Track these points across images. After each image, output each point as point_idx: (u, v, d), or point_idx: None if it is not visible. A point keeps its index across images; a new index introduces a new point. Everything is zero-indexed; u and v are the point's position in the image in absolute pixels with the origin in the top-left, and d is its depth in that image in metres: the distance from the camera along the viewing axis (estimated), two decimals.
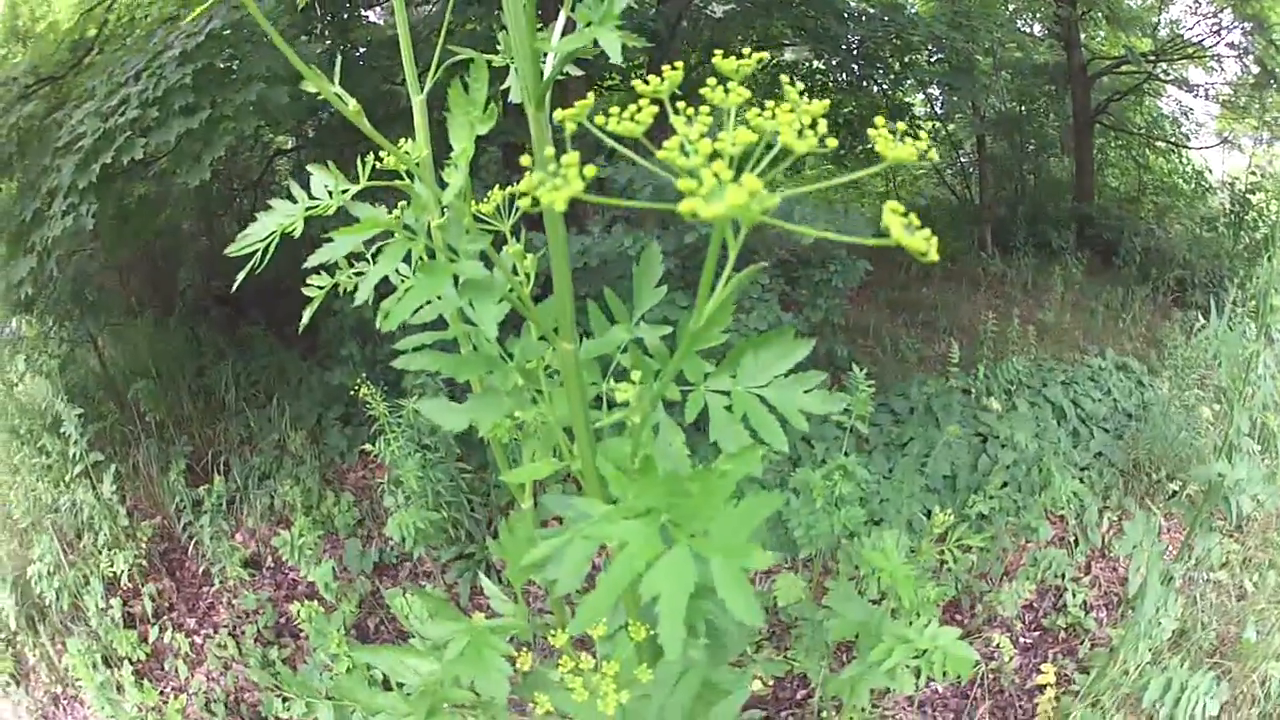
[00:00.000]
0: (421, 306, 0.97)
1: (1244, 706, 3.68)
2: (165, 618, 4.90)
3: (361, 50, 7.42)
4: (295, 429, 6.14)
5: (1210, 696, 3.33)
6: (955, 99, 11.08)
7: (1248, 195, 11.07)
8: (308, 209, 1.24)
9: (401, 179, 1.24)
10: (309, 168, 1.29)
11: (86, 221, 4.73)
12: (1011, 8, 11.51)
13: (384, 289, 1.37)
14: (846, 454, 4.05)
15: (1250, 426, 3.72)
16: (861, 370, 4.09)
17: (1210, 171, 12.70)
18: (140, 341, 7.13)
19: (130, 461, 5.98)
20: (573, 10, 0.94)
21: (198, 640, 4.73)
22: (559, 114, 0.75)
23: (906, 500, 4.88)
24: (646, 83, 0.73)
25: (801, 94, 0.75)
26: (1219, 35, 10.78)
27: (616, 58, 0.85)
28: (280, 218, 1.23)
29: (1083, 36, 11.18)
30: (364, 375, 4.75)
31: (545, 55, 0.91)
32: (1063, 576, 4.81)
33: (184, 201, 7.13)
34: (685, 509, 0.75)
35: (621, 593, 0.72)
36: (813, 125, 0.68)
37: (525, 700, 1.35)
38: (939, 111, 12.28)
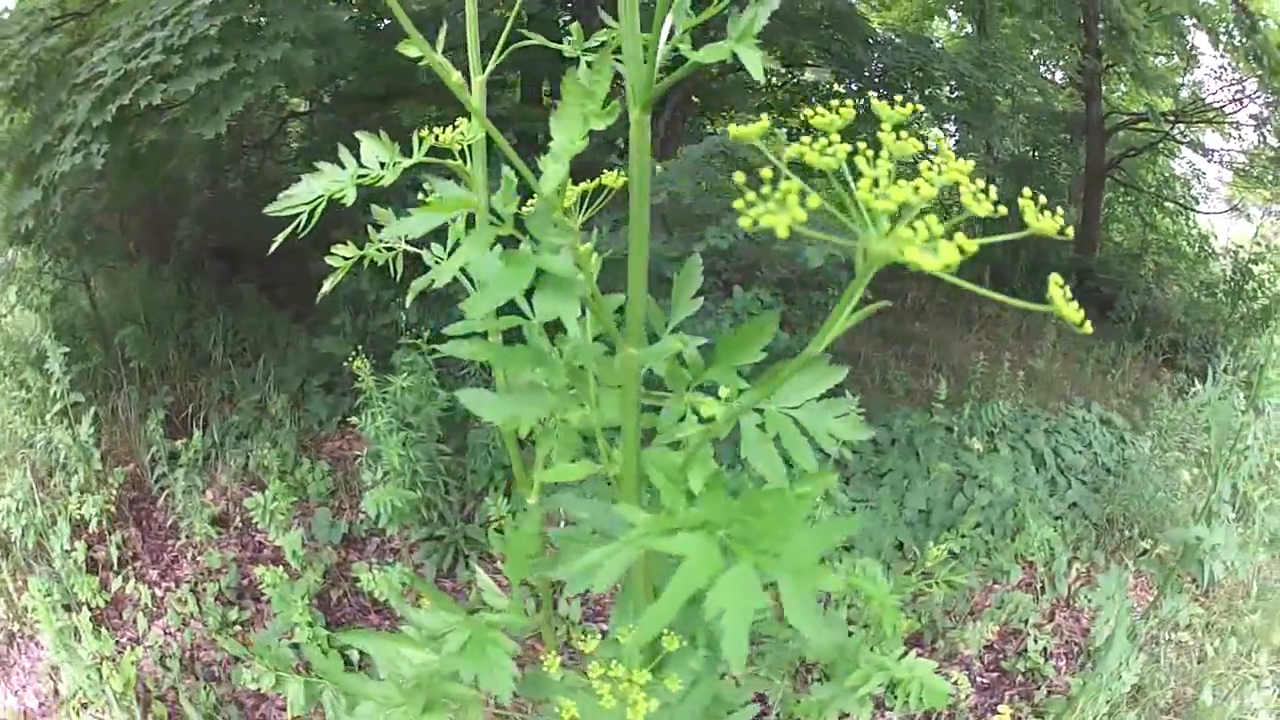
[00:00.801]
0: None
1: None
2: (129, 567, 4.85)
3: (387, 23, 7.40)
4: (278, 391, 6.12)
5: None
6: (971, 137, 11.13)
7: (1251, 264, 11.04)
8: (359, 177, 1.22)
9: (453, 158, 1.23)
10: (359, 135, 1.27)
11: (96, 161, 4.71)
12: (1036, 53, 11.56)
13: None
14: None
15: (1231, 494, 3.74)
16: (854, 398, 4.10)
17: (1215, 237, 12.77)
18: (133, 287, 7.06)
19: (110, 406, 5.93)
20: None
21: (158, 593, 4.68)
22: (736, 131, 0.74)
23: (885, 529, 4.88)
24: (819, 114, 0.73)
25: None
26: (1240, 103, 10.85)
27: (758, 75, 0.85)
28: (327, 182, 1.21)
29: (1104, 89, 11.22)
30: (356, 347, 4.74)
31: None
32: (1026, 621, 4.84)
33: (193, 153, 7.09)
34: (756, 527, 0.74)
35: (682, 605, 0.71)
36: (985, 190, 0.70)
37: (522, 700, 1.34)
38: (953, 148, 12.29)
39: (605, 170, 1.25)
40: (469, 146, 1.26)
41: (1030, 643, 4.70)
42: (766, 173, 0.66)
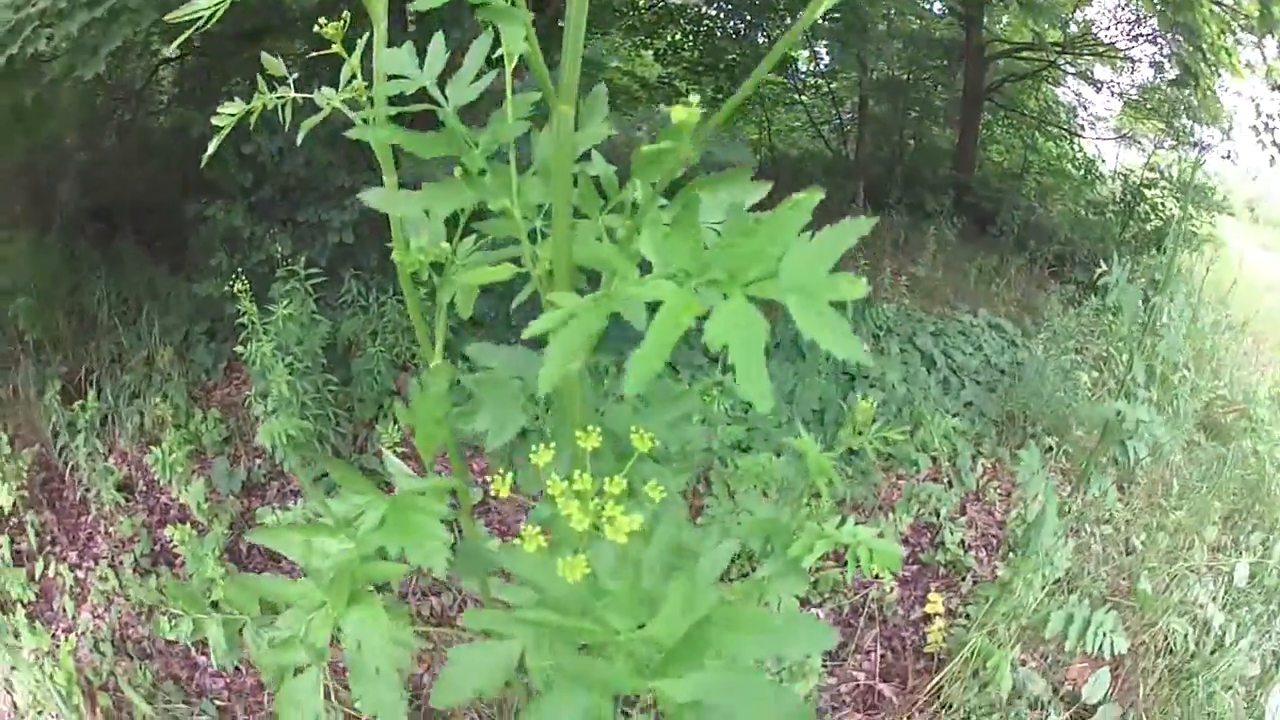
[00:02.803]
0: None
1: (1149, 656, 3.74)
2: (50, 553, 4.67)
3: None
4: (164, 344, 5.95)
5: (1116, 634, 3.36)
6: (842, 58, 11.18)
7: (1143, 188, 11.25)
8: None
9: None
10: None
11: None
12: None
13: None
14: (722, 374, 4.02)
15: (1146, 377, 3.75)
16: None
17: (1103, 161, 12.93)
18: (20, 260, 6.77)
19: (10, 386, 5.73)
20: None
21: (80, 575, 4.53)
22: None
23: (781, 429, 4.86)
24: None
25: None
26: (1135, 40, 11.07)
27: None
28: None
29: (986, 19, 11.31)
30: (234, 276, 4.60)
31: None
32: (938, 514, 4.90)
33: (70, 112, 6.97)
34: (743, 253, 0.65)
35: (669, 350, 0.62)
36: None
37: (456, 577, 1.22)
38: (823, 68, 12.43)
39: None
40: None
41: (947, 535, 4.76)
42: None
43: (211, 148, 1.32)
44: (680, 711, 0.83)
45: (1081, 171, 12.93)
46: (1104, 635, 3.36)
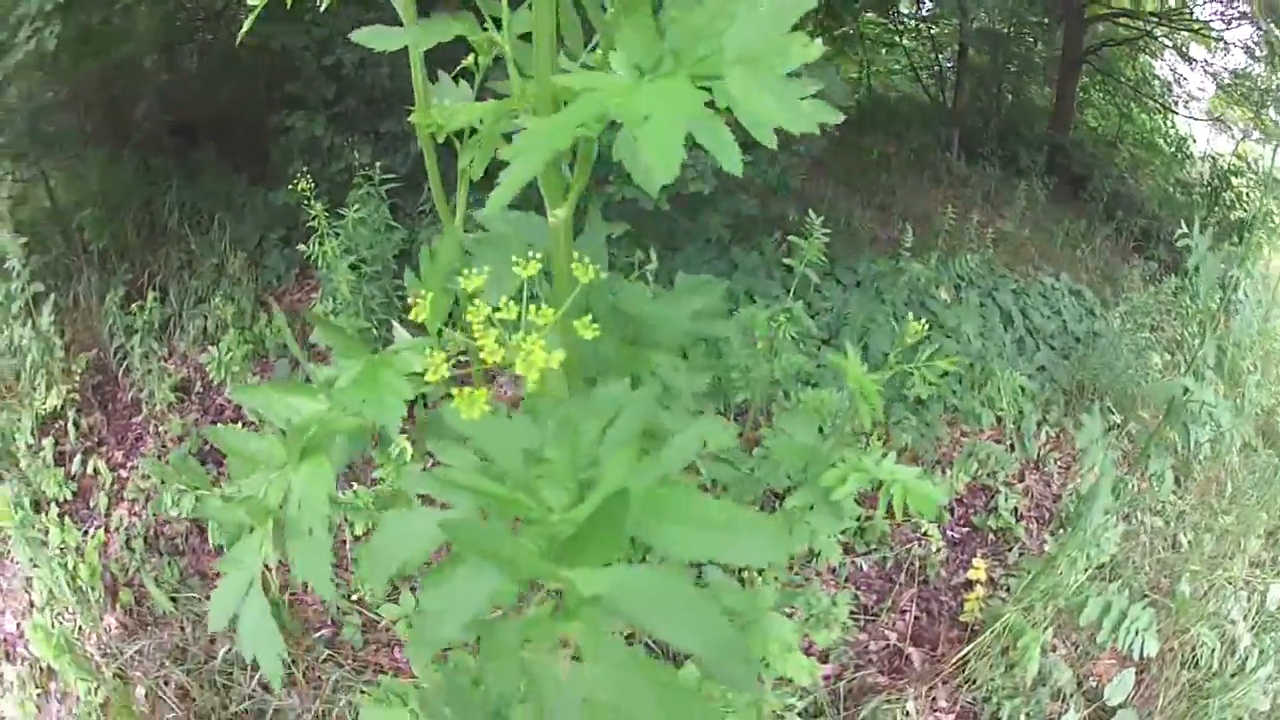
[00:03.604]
0: None
1: (1174, 665, 3.62)
2: (94, 452, 4.70)
3: None
4: (235, 251, 5.98)
5: (1149, 634, 3.24)
6: (943, 1, 10.99)
7: (1230, 174, 11.09)
8: None
9: None
10: None
11: (49, 42, 4.67)
12: None
13: None
14: (792, 301, 3.94)
15: (1216, 358, 3.56)
16: (819, 217, 3.90)
17: (1193, 141, 12.75)
18: (91, 175, 6.82)
19: (71, 294, 5.75)
20: None
21: (123, 474, 4.56)
22: None
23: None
24: None
25: None
26: (1228, 23, 10.89)
27: None
28: None
29: None
30: (301, 175, 4.69)
31: None
32: (996, 476, 4.81)
33: (148, 37, 6.90)
34: (684, 31, 0.55)
35: (577, 124, 0.52)
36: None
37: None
38: (924, 12, 12.36)
39: None
40: None
41: (1001, 501, 4.65)
42: None
43: (246, 26, 1.27)
44: (579, 606, 0.73)
45: (1173, 149, 12.79)
46: (1137, 633, 3.24)
